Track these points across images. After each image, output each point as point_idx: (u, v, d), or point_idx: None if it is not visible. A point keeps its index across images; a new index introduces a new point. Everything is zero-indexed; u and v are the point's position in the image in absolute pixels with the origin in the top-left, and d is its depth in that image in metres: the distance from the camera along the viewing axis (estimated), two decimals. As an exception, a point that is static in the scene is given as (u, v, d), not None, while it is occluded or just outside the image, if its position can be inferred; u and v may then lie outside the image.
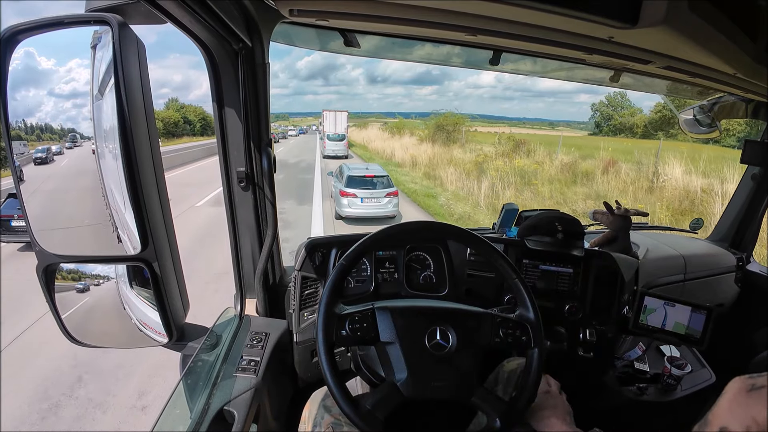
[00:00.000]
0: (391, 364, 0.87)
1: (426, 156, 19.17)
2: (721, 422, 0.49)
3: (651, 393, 1.57)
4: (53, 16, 0.73)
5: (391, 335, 0.88)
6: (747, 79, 1.33)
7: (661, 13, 0.82)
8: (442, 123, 24.22)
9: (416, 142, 25.09)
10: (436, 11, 0.94)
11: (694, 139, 10.81)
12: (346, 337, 0.87)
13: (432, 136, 23.84)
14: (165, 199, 0.85)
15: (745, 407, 0.47)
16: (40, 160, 0.81)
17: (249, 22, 1.04)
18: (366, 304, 0.93)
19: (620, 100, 29.21)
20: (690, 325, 1.42)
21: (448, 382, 0.88)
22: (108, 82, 0.71)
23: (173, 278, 0.90)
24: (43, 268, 0.82)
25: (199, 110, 47.64)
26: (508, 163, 14.83)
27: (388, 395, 0.84)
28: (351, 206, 8.96)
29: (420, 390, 0.85)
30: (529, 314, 0.98)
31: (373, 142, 31.44)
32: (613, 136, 25.02)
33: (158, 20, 0.82)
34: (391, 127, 37.38)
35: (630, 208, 1.73)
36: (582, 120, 53.70)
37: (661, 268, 1.83)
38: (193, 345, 1.02)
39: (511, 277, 1.00)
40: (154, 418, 0.83)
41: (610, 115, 29.98)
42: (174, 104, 43.56)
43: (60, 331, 0.88)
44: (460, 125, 24.22)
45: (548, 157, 15.74)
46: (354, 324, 0.87)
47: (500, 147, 18.33)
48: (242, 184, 1.20)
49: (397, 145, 24.76)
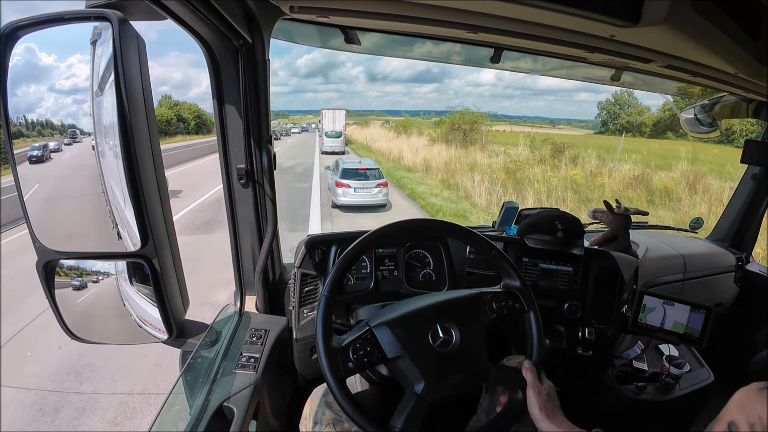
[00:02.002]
0: (407, 376, 0.86)
1: (441, 159, 16.80)
2: (730, 417, 0.50)
3: (649, 392, 1.57)
4: (54, 12, 0.73)
5: (397, 349, 0.86)
6: (748, 79, 1.33)
7: (663, 12, 0.82)
8: (458, 122, 21.51)
9: (427, 142, 22.44)
10: (437, 8, 0.93)
11: (707, 140, 10.10)
12: (354, 368, 0.85)
13: (445, 137, 21.30)
14: (165, 196, 0.84)
15: (754, 404, 0.48)
16: (35, 158, 0.78)
17: (249, 18, 1.04)
18: (361, 326, 0.90)
19: (627, 99, 28.11)
20: (689, 324, 1.42)
21: (464, 374, 0.88)
22: (108, 78, 0.71)
23: (173, 275, 0.90)
24: (43, 264, 0.82)
25: (194, 107, 45.15)
26: (549, 172, 12.62)
27: (414, 408, 0.83)
28: (345, 195, 9.93)
29: (441, 391, 0.85)
30: (514, 282, 0.99)
31: (377, 142, 28.83)
32: (620, 135, 24.27)
33: (159, 17, 0.82)
34: (396, 125, 34.74)
35: (630, 207, 1.74)
36: (582, 118, 53.05)
37: (660, 268, 1.84)
38: (193, 342, 1.02)
39: (489, 252, 1.01)
40: (154, 415, 0.83)
41: (617, 114, 29.00)
42: (167, 101, 41.48)
43: (60, 326, 0.88)
44: (478, 124, 21.52)
45: (604, 166, 13.17)
46: (357, 352, 0.85)
47: (536, 151, 16.06)
48: (242, 181, 1.20)
49: (404, 146, 22.26)
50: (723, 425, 0.50)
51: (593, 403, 1.59)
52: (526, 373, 0.90)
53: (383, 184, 10.33)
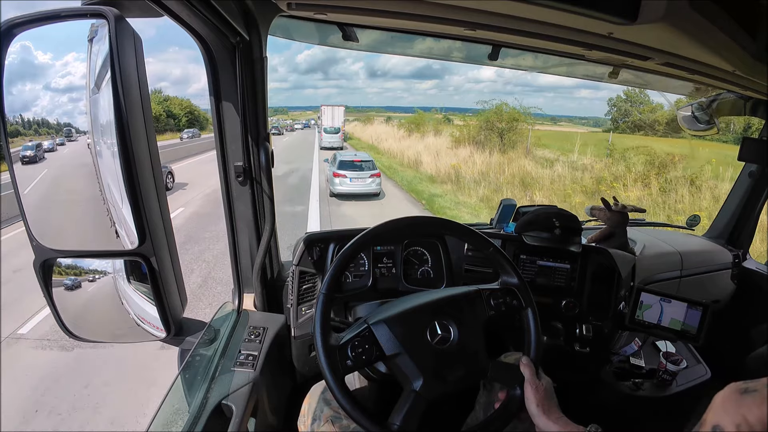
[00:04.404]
0: (405, 373, 0.86)
1: (474, 167, 13.59)
2: (715, 420, 0.50)
3: (646, 388, 1.58)
4: (50, 10, 0.72)
5: (396, 346, 0.86)
6: (746, 77, 1.34)
7: (661, 10, 0.82)
8: (492, 120, 17.01)
9: (449, 143, 18.42)
10: (434, 5, 0.93)
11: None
12: (353, 366, 0.85)
13: (474, 138, 17.32)
14: (162, 194, 0.84)
15: (738, 406, 0.48)
16: (27, 158, 0.77)
17: (247, 15, 1.04)
18: (359, 324, 0.91)
19: (639, 96, 26.88)
20: (686, 321, 1.43)
21: (463, 371, 0.88)
22: (104, 75, 0.71)
23: (171, 273, 0.90)
24: (41, 262, 0.82)
25: (186, 103, 42.70)
26: (658, 197, 9.07)
27: (412, 406, 0.83)
28: (342, 185, 10.90)
29: (440, 388, 0.85)
30: (512, 278, 1.00)
31: (385, 142, 24.85)
32: (631, 134, 21.87)
33: (155, 13, 0.81)
34: (407, 122, 29.32)
35: (627, 204, 1.74)
36: (582, 115, 51.97)
37: (657, 265, 1.84)
38: (191, 339, 1.02)
39: (487, 248, 1.01)
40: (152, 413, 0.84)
41: (629, 111, 27.54)
42: (156, 96, 39.13)
43: (57, 325, 0.88)
44: (520, 123, 16.97)
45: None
46: (356, 350, 0.85)
47: (617, 163, 12.27)
48: (240, 179, 1.20)
49: (420, 147, 18.62)
50: (707, 428, 0.50)
51: (590, 399, 1.60)
52: (524, 369, 0.91)
53: (376, 175, 11.35)
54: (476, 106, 18.67)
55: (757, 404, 0.47)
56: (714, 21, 0.89)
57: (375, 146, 25.20)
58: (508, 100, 28.10)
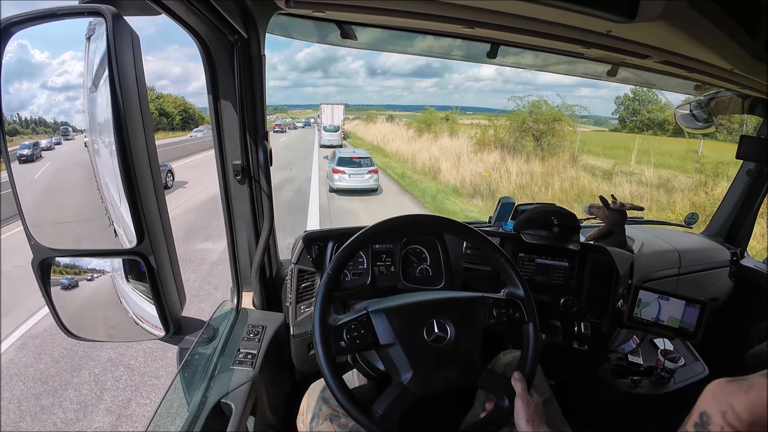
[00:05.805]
0: (396, 365, 0.86)
1: (511, 179, 11.49)
2: (702, 408, 0.51)
3: (644, 386, 1.59)
4: (47, 8, 0.72)
5: (391, 337, 0.87)
6: (744, 75, 1.34)
7: (659, 8, 0.82)
8: (527, 120, 14.70)
9: (473, 147, 15.91)
10: (432, 3, 0.93)
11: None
12: (346, 348, 0.86)
13: (504, 141, 14.98)
14: (161, 193, 0.84)
15: (725, 394, 0.49)
16: (25, 157, 0.76)
17: (245, 13, 1.03)
18: (360, 310, 0.92)
19: (648, 94, 25.83)
20: (684, 319, 1.43)
21: (453, 373, 0.88)
22: (102, 74, 0.70)
23: (169, 271, 0.89)
24: (39, 262, 0.82)
25: (180, 101, 41.40)
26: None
27: (398, 397, 0.84)
28: (341, 180, 11.17)
29: (428, 385, 0.86)
30: (518, 291, 0.99)
31: (392, 143, 22.30)
32: (640, 133, 20.46)
33: (153, 11, 0.81)
34: (417, 122, 26.32)
35: (625, 202, 1.74)
36: (582, 114, 51.67)
37: (655, 263, 1.85)
38: (190, 338, 1.02)
39: (497, 258, 1.01)
40: (151, 412, 0.83)
41: (637, 110, 25.12)
42: (148, 94, 38.27)
43: (56, 324, 0.88)
44: (563, 124, 14.60)
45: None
46: (351, 333, 0.87)
47: (713, 179, 9.77)
48: (238, 177, 1.20)
49: (434, 151, 16.24)
50: (695, 416, 0.51)
51: (589, 397, 1.61)
52: (516, 383, 0.89)
53: (374, 171, 11.63)
54: (489, 107, 16.85)
55: (744, 391, 0.47)
56: (712, 19, 0.89)
57: (381, 148, 22.89)
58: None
